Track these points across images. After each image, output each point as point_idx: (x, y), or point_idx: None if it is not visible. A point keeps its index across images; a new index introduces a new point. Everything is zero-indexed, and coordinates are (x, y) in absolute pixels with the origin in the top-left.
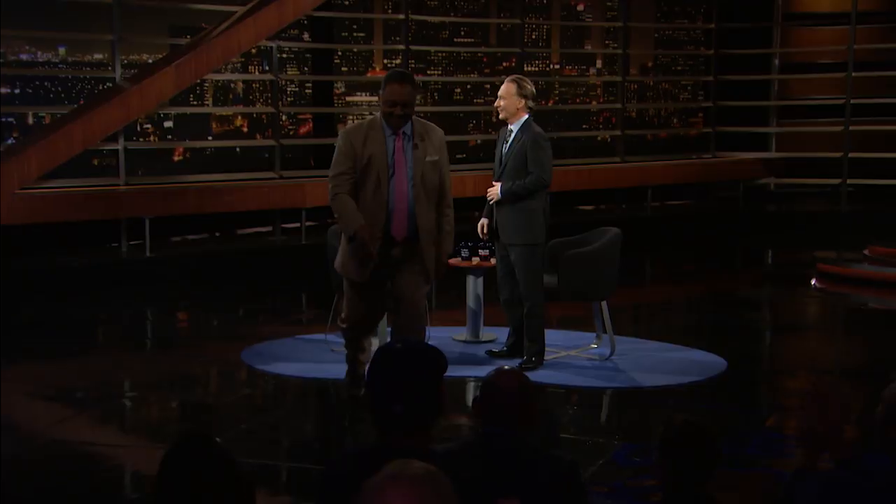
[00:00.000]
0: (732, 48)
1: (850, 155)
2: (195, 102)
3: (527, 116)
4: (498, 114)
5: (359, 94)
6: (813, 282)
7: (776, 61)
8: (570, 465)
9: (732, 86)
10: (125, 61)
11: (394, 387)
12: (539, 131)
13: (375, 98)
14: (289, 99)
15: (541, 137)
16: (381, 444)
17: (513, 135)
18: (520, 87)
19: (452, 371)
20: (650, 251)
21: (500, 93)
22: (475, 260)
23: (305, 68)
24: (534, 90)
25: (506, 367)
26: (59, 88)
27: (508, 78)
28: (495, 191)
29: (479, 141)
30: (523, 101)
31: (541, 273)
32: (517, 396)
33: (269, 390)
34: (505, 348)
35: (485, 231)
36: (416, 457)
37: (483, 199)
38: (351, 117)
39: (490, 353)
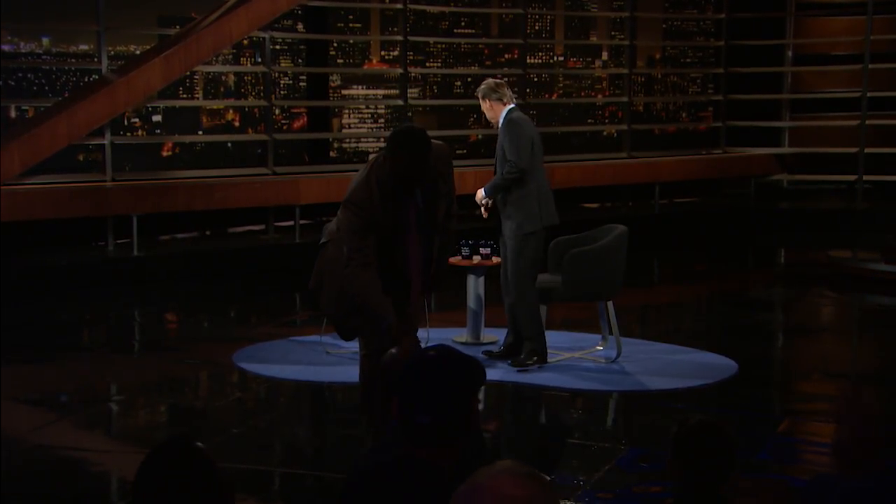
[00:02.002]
0: (743, 39)
1: (867, 150)
2: (185, 95)
3: (506, 109)
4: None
5: (355, 86)
6: None
7: (789, 53)
8: None
9: (743, 78)
10: (112, 52)
11: (422, 396)
12: (513, 117)
13: (372, 91)
14: (282, 92)
15: (512, 123)
16: (406, 455)
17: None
18: (483, 95)
19: None
20: (658, 250)
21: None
22: (476, 258)
23: (299, 60)
24: (494, 82)
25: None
26: (43, 81)
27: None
28: (480, 194)
29: (479, 136)
30: (488, 102)
31: (532, 263)
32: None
33: (261, 394)
34: (501, 348)
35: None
36: (442, 472)
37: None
38: (347, 111)
39: (487, 353)
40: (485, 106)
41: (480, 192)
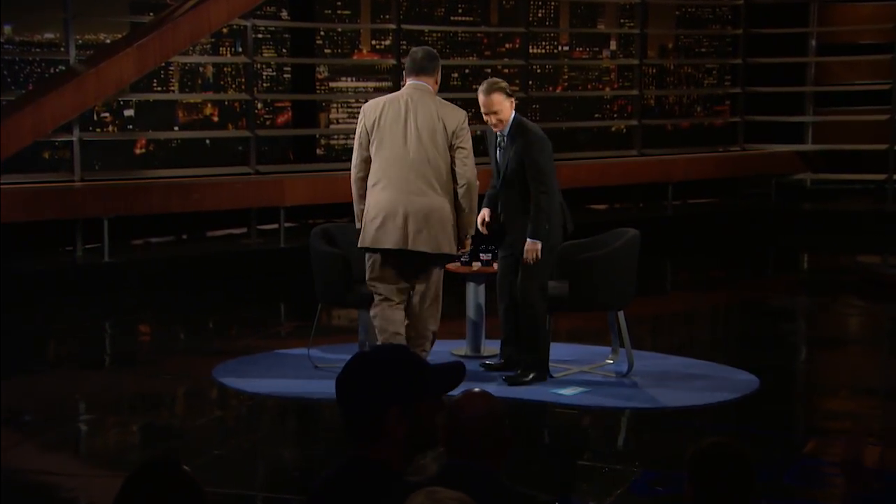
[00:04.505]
0: (763, 27)
1: None
2: (159, 88)
3: (514, 114)
4: (495, 128)
5: (343, 78)
6: None
7: (813, 42)
8: None
9: (763, 69)
10: (80, 41)
11: (338, 391)
12: (532, 128)
13: (362, 84)
14: (265, 84)
15: (535, 138)
16: (353, 458)
17: (505, 138)
18: (504, 91)
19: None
20: (671, 255)
21: (488, 108)
22: (476, 265)
23: (284, 50)
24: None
25: (475, 389)
26: (5, 72)
27: (486, 88)
28: (533, 252)
29: (478, 132)
30: (501, 96)
31: (547, 275)
32: (483, 423)
33: (243, 411)
34: (501, 360)
35: (486, 221)
36: (386, 471)
37: (483, 194)
38: (335, 105)
39: (486, 366)
40: (503, 110)
41: (534, 252)
